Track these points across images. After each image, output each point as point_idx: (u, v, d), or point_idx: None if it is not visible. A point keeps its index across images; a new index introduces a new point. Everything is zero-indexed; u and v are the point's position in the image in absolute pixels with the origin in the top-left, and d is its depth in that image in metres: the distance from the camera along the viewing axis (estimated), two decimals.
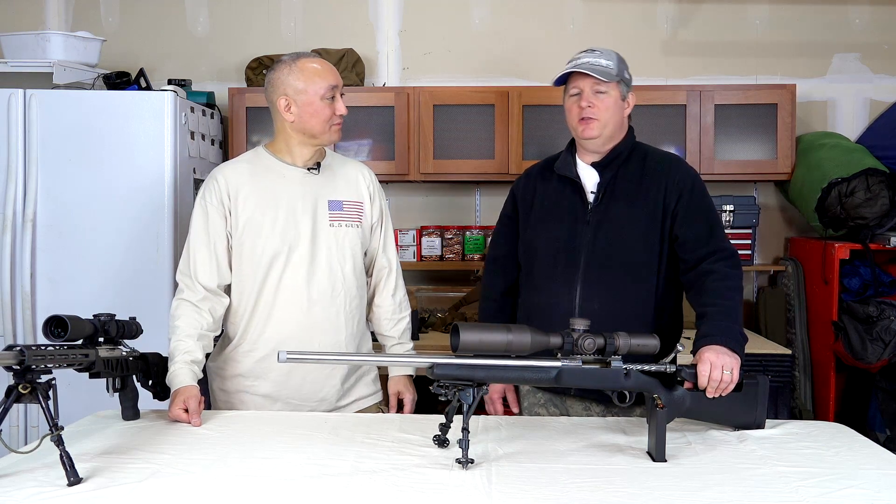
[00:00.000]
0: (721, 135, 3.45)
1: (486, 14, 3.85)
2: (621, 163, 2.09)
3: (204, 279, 2.05)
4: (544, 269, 2.09)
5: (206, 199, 2.08)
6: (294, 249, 2.07)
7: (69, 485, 1.42)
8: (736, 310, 1.90)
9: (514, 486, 1.45)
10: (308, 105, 2.04)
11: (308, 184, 2.11)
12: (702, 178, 2.13)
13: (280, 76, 2.06)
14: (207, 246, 2.07)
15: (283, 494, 1.41)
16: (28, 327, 3.01)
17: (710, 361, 1.74)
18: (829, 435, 1.80)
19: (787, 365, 3.01)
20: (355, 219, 2.16)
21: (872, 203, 3.28)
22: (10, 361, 1.43)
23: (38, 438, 1.47)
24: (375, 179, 2.26)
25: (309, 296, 2.07)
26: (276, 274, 2.06)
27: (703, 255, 1.98)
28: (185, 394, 1.88)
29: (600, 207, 2.06)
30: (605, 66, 2.02)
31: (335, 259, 2.11)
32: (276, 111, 2.09)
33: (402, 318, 2.28)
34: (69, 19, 3.89)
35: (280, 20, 3.88)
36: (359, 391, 2.21)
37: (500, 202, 3.82)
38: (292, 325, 2.07)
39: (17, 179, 3.01)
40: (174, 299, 2.08)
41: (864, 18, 3.78)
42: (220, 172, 2.11)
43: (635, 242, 2.03)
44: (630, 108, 2.11)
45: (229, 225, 2.07)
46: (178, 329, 2.02)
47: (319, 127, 2.06)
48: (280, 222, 2.06)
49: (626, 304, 2.00)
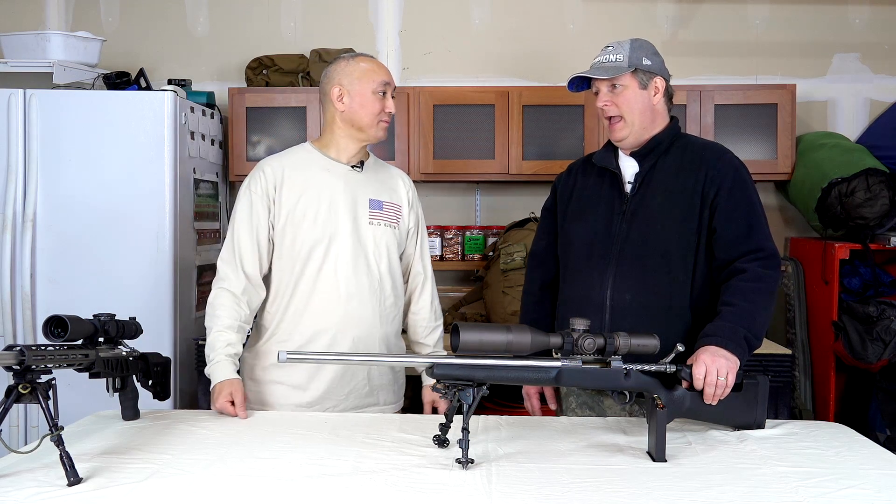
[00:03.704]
0: (721, 135, 3.45)
1: (486, 14, 3.85)
2: (661, 152, 2.03)
3: (249, 267, 2.10)
4: (579, 261, 2.06)
5: (251, 189, 2.13)
6: (333, 242, 2.10)
7: (69, 485, 1.42)
8: (754, 313, 1.84)
9: (514, 486, 1.45)
10: (360, 96, 2.11)
11: (351, 180, 2.15)
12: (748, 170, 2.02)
13: (337, 68, 2.14)
14: (251, 235, 2.11)
15: (283, 494, 1.41)
16: (28, 327, 3.01)
17: (704, 363, 1.73)
18: (829, 435, 1.80)
19: (787, 365, 3.01)
20: (393, 220, 2.20)
21: (872, 203, 3.28)
22: (10, 361, 1.43)
23: (38, 438, 1.47)
24: (414, 188, 2.31)
25: (346, 289, 2.10)
26: (314, 266, 2.10)
27: (738, 254, 1.92)
28: (232, 386, 1.95)
29: (636, 198, 2.01)
30: (613, 62, 1.98)
31: (372, 256, 2.14)
32: (328, 102, 2.15)
33: (437, 326, 2.32)
34: (69, 19, 3.89)
35: (280, 20, 3.88)
36: (386, 394, 2.22)
37: (500, 202, 3.78)
38: (328, 318, 2.10)
39: (17, 179, 3.01)
40: (215, 288, 2.10)
41: (864, 18, 3.78)
42: (266, 164, 2.16)
43: (670, 233, 1.96)
44: (659, 93, 2.02)
45: (272, 215, 2.12)
46: (219, 319, 2.05)
47: (368, 119, 2.12)
48: (321, 215, 2.10)
49: (660, 297, 1.95)
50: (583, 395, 2.12)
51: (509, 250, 3.36)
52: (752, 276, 1.88)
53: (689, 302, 1.96)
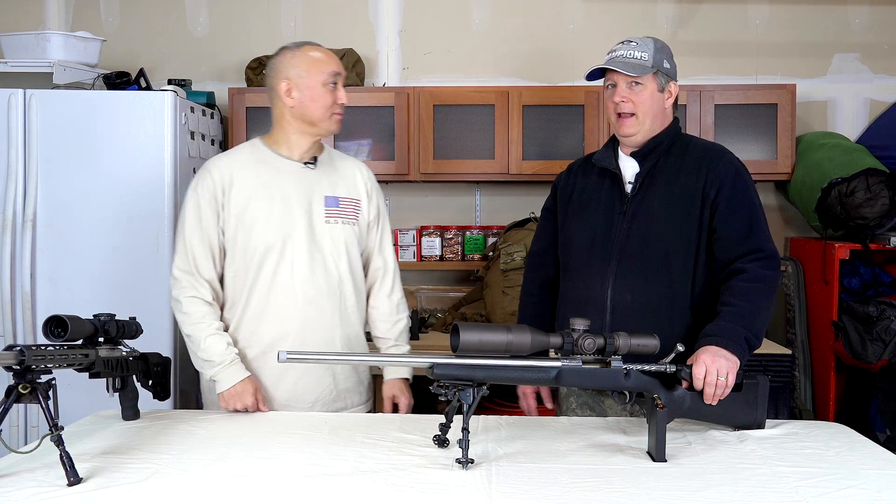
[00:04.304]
0: (721, 135, 3.45)
1: (486, 14, 3.85)
2: (662, 152, 2.03)
3: (206, 273, 2.05)
4: (580, 261, 2.05)
5: (198, 193, 2.06)
6: (287, 244, 2.04)
7: (69, 485, 1.42)
8: (754, 313, 1.84)
9: (514, 486, 1.45)
10: (309, 90, 2.03)
11: (304, 178, 2.09)
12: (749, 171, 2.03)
13: (283, 61, 2.06)
14: (202, 240, 2.04)
15: (283, 494, 1.41)
16: (28, 327, 3.01)
17: (704, 364, 1.73)
18: (829, 435, 1.80)
19: (787, 365, 3.01)
20: (351, 216, 2.14)
21: (872, 203, 3.28)
22: (10, 361, 1.43)
23: (38, 438, 1.47)
24: (373, 178, 2.24)
25: (303, 293, 2.05)
26: (269, 270, 2.04)
27: (738, 254, 1.92)
28: (253, 384, 1.99)
29: (637, 198, 2.01)
30: (638, 59, 1.97)
31: (330, 256, 2.08)
32: (276, 97, 2.06)
33: (400, 319, 2.24)
34: (69, 19, 3.88)
35: (280, 20, 3.88)
36: (352, 396, 2.19)
37: (500, 202, 3.79)
38: (286, 324, 2.05)
39: (17, 179, 3.01)
40: (182, 296, 2.04)
41: (864, 18, 3.78)
42: (213, 165, 2.08)
43: (671, 233, 1.96)
44: (672, 97, 2.04)
45: (221, 220, 2.05)
46: (205, 326, 2.02)
47: (319, 113, 2.04)
48: (274, 216, 2.04)
49: (661, 297, 1.95)
50: (583, 396, 2.12)
51: (509, 250, 3.36)
52: (752, 276, 1.88)
53: (691, 302, 1.97)
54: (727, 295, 1.88)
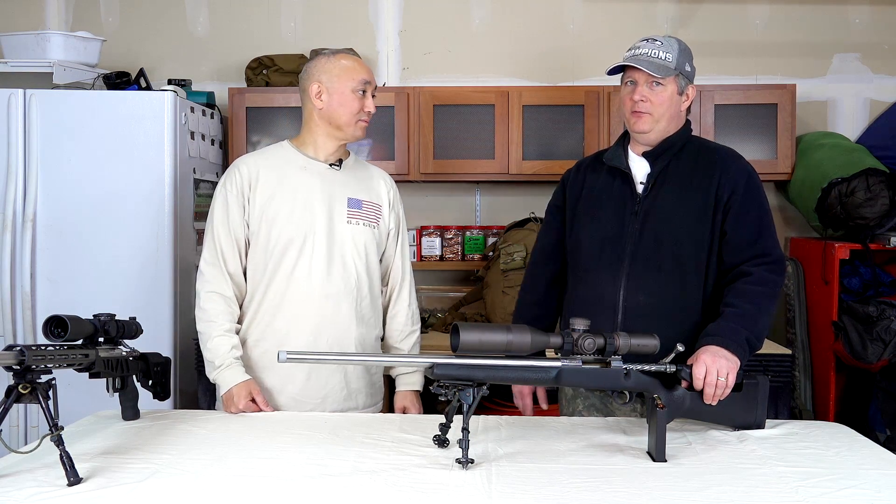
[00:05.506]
0: (721, 135, 3.45)
1: (486, 14, 3.85)
2: (674, 154, 2.02)
3: (232, 266, 2.09)
4: (590, 261, 2.04)
5: (226, 189, 2.12)
6: (307, 241, 2.08)
7: (69, 485, 1.42)
8: (756, 315, 1.84)
9: (514, 486, 1.45)
10: (339, 94, 2.09)
11: (328, 179, 2.13)
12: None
13: (317, 65, 2.12)
14: (229, 234, 2.10)
15: (283, 494, 1.41)
16: (28, 327, 3.01)
17: (704, 363, 1.73)
18: (829, 435, 1.80)
19: (787, 365, 3.01)
20: (373, 220, 2.18)
21: (872, 203, 3.28)
22: (10, 361, 1.43)
23: (38, 438, 1.47)
24: (396, 188, 2.29)
25: (321, 290, 2.08)
26: (288, 264, 2.08)
27: (746, 258, 1.92)
28: (249, 387, 2.00)
29: (649, 198, 2.00)
30: (662, 60, 1.96)
31: (349, 256, 2.12)
32: (306, 98, 2.13)
33: (413, 331, 2.28)
34: (69, 19, 3.88)
35: (280, 20, 3.88)
36: (362, 397, 2.19)
37: (500, 202, 3.79)
38: (302, 319, 2.08)
39: (17, 179, 3.01)
40: (203, 290, 2.09)
41: (864, 18, 3.78)
42: (242, 161, 2.15)
43: (683, 235, 1.96)
44: (689, 101, 2.04)
45: (247, 214, 2.10)
46: (217, 324, 2.05)
47: (346, 118, 2.09)
48: (296, 213, 2.08)
49: (674, 299, 1.95)
50: (591, 398, 2.11)
51: (509, 250, 3.36)
52: (757, 279, 1.89)
53: (702, 304, 1.97)
54: (731, 296, 1.88)
